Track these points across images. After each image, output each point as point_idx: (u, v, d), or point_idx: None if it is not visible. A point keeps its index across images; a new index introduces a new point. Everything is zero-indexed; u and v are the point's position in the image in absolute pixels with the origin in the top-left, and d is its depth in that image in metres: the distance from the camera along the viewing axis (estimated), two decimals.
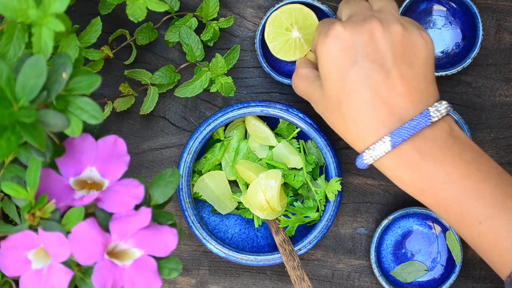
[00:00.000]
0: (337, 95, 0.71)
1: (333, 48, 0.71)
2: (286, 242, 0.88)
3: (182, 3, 0.90)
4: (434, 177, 0.69)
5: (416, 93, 0.70)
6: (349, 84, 0.70)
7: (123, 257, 0.62)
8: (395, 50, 0.71)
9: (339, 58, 0.71)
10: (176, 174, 0.65)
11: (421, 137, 0.70)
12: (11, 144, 0.56)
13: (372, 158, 0.71)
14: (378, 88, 0.70)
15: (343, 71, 0.71)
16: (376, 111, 0.70)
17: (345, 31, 0.71)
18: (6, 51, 0.64)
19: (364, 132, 0.71)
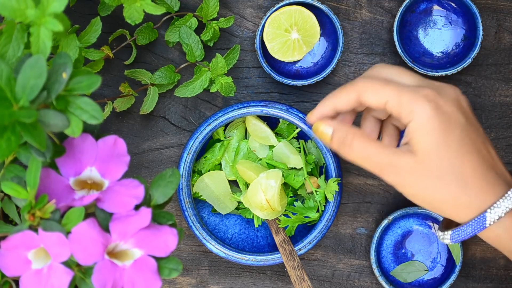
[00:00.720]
0: (447, 159, 0.66)
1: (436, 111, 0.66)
2: (286, 242, 0.88)
3: (182, 3, 0.90)
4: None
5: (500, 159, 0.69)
6: (464, 146, 0.66)
7: (123, 257, 0.62)
8: (474, 116, 0.69)
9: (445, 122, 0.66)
10: (176, 174, 0.65)
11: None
12: (11, 144, 0.56)
13: (498, 216, 0.66)
14: (482, 151, 0.67)
15: (452, 134, 0.66)
16: (490, 171, 0.66)
17: (440, 97, 0.67)
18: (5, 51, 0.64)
19: (484, 192, 0.66)
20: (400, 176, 0.67)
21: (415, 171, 0.67)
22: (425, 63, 0.90)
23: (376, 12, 0.91)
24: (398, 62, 0.91)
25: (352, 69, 0.92)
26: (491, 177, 0.66)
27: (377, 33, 0.91)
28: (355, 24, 0.91)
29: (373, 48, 0.91)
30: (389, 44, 0.91)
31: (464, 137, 0.66)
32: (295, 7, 0.88)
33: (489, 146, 0.68)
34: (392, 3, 0.91)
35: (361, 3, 0.91)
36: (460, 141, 0.66)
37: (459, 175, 0.66)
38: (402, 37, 0.90)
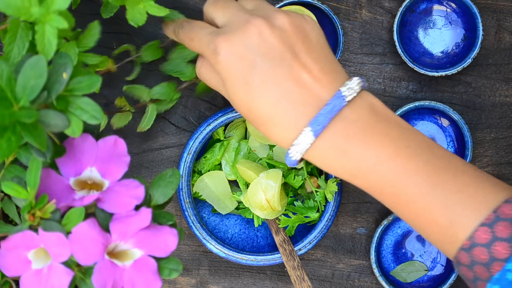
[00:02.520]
0: (247, 104, 0.69)
1: (228, 62, 0.69)
2: (286, 242, 0.88)
3: (182, 3, 0.90)
4: (363, 160, 0.67)
5: (324, 76, 0.68)
6: (255, 90, 0.68)
7: (123, 257, 0.62)
8: (288, 41, 0.69)
9: (237, 69, 0.68)
10: (176, 174, 0.65)
11: (342, 120, 0.67)
12: (12, 145, 0.56)
13: (299, 153, 0.68)
14: (285, 83, 0.68)
15: (245, 80, 0.68)
16: (290, 107, 0.67)
17: (233, 44, 0.69)
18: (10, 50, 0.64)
19: (285, 130, 0.68)
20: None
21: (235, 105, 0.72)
22: (425, 63, 0.91)
23: (376, 12, 0.91)
24: (398, 62, 0.91)
25: (352, 69, 0.92)
26: (292, 113, 0.67)
27: (377, 33, 0.91)
28: (355, 24, 0.91)
29: (373, 48, 0.91)
30: (389, 44, 0.91)
31: (256, 78, 0.68)
32: (295, 7, 0.88)
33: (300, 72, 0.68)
34: (392, 3, 0.91)
35: (361, 3, 0.91)
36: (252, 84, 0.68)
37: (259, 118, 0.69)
38: (402, 37, 0.90)
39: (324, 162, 0.69)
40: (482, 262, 0.65)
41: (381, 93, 0.92)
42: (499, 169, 0.92)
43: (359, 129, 0.67)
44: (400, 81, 0.92)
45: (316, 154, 0.68)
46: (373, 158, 0.67)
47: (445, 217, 0.66)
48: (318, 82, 0.68)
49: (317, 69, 0.69)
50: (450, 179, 0.67)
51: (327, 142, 0.67)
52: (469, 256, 0.65)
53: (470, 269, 0.66)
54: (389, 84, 0.92)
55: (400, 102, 0.92)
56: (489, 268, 0.64)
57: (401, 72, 0.92)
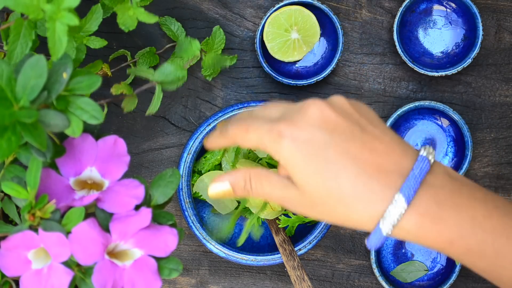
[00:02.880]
0: (325, 185, 0.65)
1: (296, 146, 0.65)
2: (286, 242, 0.88)
3: (182, 3, 0.90)
4: (460, 224, 0.65)
5: (397, 145, 0.66)
6: (333, 167, 0.64)
7: (123, 257, 0.62)
8: (351, 117, 0.66)
9: (309, 152, 0.64)
10: (176, 174, 0.65)
11: (429, 187, 0.65)
12: (12, 144, 0.56)
13: (391, 225, 0.64)
14: (361, 156, 0.64)
15: (319, 159, 0.64)
16: (373, 178, 0.64)
17: (296, 124, 0.65)
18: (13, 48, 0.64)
19: (371, 204, 0.64)
20: (296, 208, 0.67)
21: (304, 203, 0.66)
22: (425, 63, 0.91)
23: (376, 12, 0.91)
24: (398, 62, 0.92)
25: (352, 69, 0.92)
26: (377, 182, 0.64)
27: (377, 33, 0.91)
28: (355, 24, 0.91)
29: (373, 48, 0.91)
30: (389, 44, 0.91)
31: (331, 155, 0.64)
32: (295, 7, 0.88)
33: (373, 144, 0.65)
34: (392, 3, 0.91)
35: (361, 3, 0.91)
36: (327, 161, 0.64)
37: (339, 196, 0.64)
38: (402, 37, 0.90)
39: (417, 233, 0.65)
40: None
41: (381, 93, 0.92)
42: (499, 169, 0.92)
43: (448, 194, 0.65)
44: (400, 81, 0.92)
45: (409, 225, 0.64)
46: (469, 221, 0.65)
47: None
48: (393, 151, 0.65)
49: (388, 139, 0.66)
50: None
51: (420, 210, 0.64)
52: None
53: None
54: (389, 84, 0.92)
55: (400, 102, 0.92)
56: None
57: (401, 72, 0.92)
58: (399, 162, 0.65)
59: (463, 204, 0.65)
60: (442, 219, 0.64)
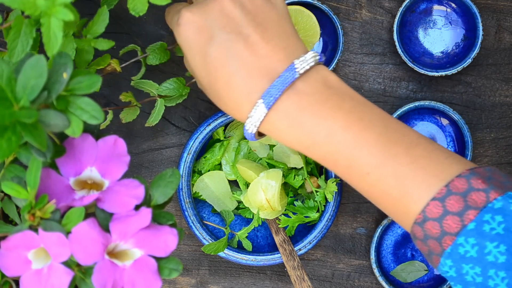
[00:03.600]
0: (206, 77, 0.71)
1: (187, 33, 0.71)
2: (286, 242, 0.88)
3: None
4: (316, 132, 0.68)
5: (280, 50, 0.70)
6: (213, 61, 0.70)
7: (123, 257, 0.62)
8: (247, 15, 0.70)
9: (196, 41, 0.70)
10: (176, 174, 0.65)
11: (295, 93, 0.68)
12: (12, 144, 0.56)
13: (254, 126, 0.69)
14: (241, 56, 0.69)
15: (203, 52, 0.70)
16: (245, 80, 0.69)
17: (194, 14, 0.70)
18: (14, 46, 0.64)
19: (241, 104, 0.70)
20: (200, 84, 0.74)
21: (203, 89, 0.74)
22: (425, 63, 0.91)
23: (376, 12, 0.91)
24: (398, 62, 0.92)
25: (352, 69, 0.92)
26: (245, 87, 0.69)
27: (377, 33, 0.91)
28: (355, 24, 0.91)
29: (373, 48, 0.91)
30: (389, 44, 0.91)
31: (213, 52, 0.69)
32: (295, 7, 0.88)
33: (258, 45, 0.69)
34: (392, 3, 0.91)
35: (361, 3, 0.91)
36: (209, 57, 0.70)
37: (216, 92, 0.71)
38: (402, 37, 0.90)
39: (278, 134, 0.70)
40: (434, 237, 0.65)
41: (381, 93, 0.92)
42: (499, 169, 0.92)
43: (312, 102, 0.68)
44: (400, 81, 0.92)
45: (270, 127, 0.70)
46: (326, 130, 0.68)
47: (396, 189, 0.67)
48: (275, 55, 0.69)
49: (274, 43, 0.70)
50: (403, 151, 0.67)
51: (280, 114, 0.68)
52: (422, 230, 0.66)
53: (424, 243, 0.66)
54: (389, 84, 0.92)
55: (400, 102, 0.92)
56: (441, 243, 0.65)
57: (401, 72, 0.92)
58: (274, 67, 0.69)
59: (324, 112, 0.68)
60: (300, 125, 0.68)
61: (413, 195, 0.66)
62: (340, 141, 0.68)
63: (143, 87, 0.85)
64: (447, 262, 0.65)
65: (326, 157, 0.69)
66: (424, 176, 0.66)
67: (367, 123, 0.68)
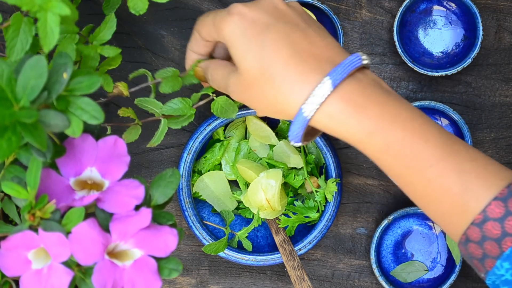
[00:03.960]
0: (259, 63, 0.67)
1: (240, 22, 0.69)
2: (286, 242, 0.88)
3: (182, 3, 0.90)
4: (382, 116, 0.65)
5: (335, 47, 0.69)
6: (271, 44, 0.67)
7: (123, 257, 0.62)
8: (299, 15, 0.70)
9: (250, 28, 0.68)
10: (176, 174, 0.65)
11: (357, 80, 0.66)
12: (12, 145, 0.56)
13: (315, 105, 0.65)
14: (300, 43, 0.67)
15: (259, 37, 0.68)
16: (304, 62, 0.66)
17: (246, 6, 0.70)
18: (13, 45, 0.64)
19: (298, 86, 0.66)
20: (234, 92, 0.70)
21: (240, 85, 0.69)
22: (425, 63, 0.91)
23: (376, 12, 0.91)
24: (398, 62, 0.92)
25: None
26: (307, 67, 0.66)
27: (377, 33, 0.91)
28: (355, 24, 0.91)
29: (373, 48, 0.91)
30: (389, 44, 0.91)
31: (271, 36, 0.67)
32: None
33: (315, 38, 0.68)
34: (392, 3, 0.91)
35: (361, 3, 0.91)
36: (265, 41, 0.67)
37: (270, 75, 0.67)
38: (402, 37, 0.90)
39: (339, 119, 0.66)
40: (493, 238, 0.63)
41: None
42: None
43: (376, 91, 0.66)
44: (400, 81, 0.92)
45: (332, 109, 0.65)
46: (392, 117, 0.66)
47: (459, 183, 0.65)
48: (331, 49, 0.68)
49: (329, 40, 0.69)
50: (463, 149, 0.66)
51: (346, 96, 0.65)
52: (481, 231, 0.64)
53: (480, 246, 0.64)
54: (389, 84, 0.92)
55: None
56: (500, 244, 0.63)
57: (401, 72, 0.92)
58: (333, 56, 0.67)
59: (389, 101, 0.66)
60: (366, 109, 0.65)
61: (474, 191, 0.64)
62: (407, 129, 0.65)
63: (147, 107, 0.81)
64: (504, 264, 0.63)
65: (390, 146, 0.66)
66: (486, 174, 0.65)
67: (428, 121, 0.67)
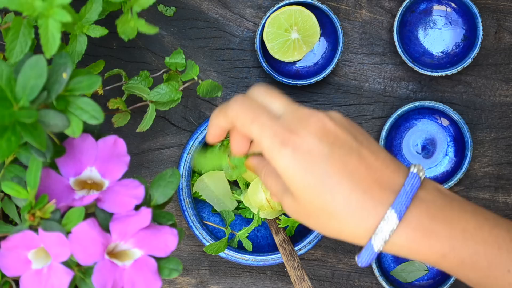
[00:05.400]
0: (321, 198, 0.65)
1: (296, 155, 0.65)
2: (286, 242, 0.88)
3: (182, 3, 0.90)
4: (452, 237, 0.65)
5: (390, 162, 0.67)
6: (330, 180, 0.64)
7: (123, 257, 0.62)
8: (350, 132, 0.67)
9: (308, 161, 0.65)
10: (176, 174, 0.65)
11: (421, 201, 0.66)
12: (12, 145, 0.56)
13: (383, 240, 0.64)
14: (358, 170, 0.65)
15: (317, 171, 0.65)
16: (366, 194, 0.64)
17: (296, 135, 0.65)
18: (13, 47, 0.64)
19: (364, 219, 0.65)
20: (293, 214, 0.68)
21: (299, 212, 0.67)
22: (425, 63, 0.91)
23: (376, 12, 0.91)
24: (398, 62, 0.92)
25: (352, 69, 0.92)
26: (370, 198, 0.64)
27: (377, 33, 0.91)
28: (355, 24, 0.91)
29: (373, 48, 0.91)
30: (389, 44, 0.91)
31: (329, 168, 0.64)
32: (295, 7, 0.88)
33: (370, 159, 0.66)
34: (392, 3, 0.91)
35: (361, 3, 0.91)
36: (324, 175, 0.64)
37: (333, 211, 0.65)
38: (402, 37, 0.90)
39: (409, 248, 0.66)
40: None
41: (381, 93, 0.92)
42: (499, 169, 0.92)
43: (439, 208, 0.66)
44: (400, 81, 0.92)
45: (401, 240, 0.65)
46: (461, 233, 0.66)
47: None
48: (387, 168, 0.66)
49: (383, 156, 0.67)
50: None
51: (412, 225, 0.65)
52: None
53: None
54: (389, 84, 0.92)
55: (400, 102, 0.92)
56: None
57: (401, 72, 0.92)
58: (392, 179, 0.66)
59: (454, 217, 0.66)
60: (434, 232, 0.65)
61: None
62: (478, 241, 0.66)
63: (134, 92, 0.83)
64: None
65: (465, 261, 0.66)
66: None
67: (493, 221, 0.67)
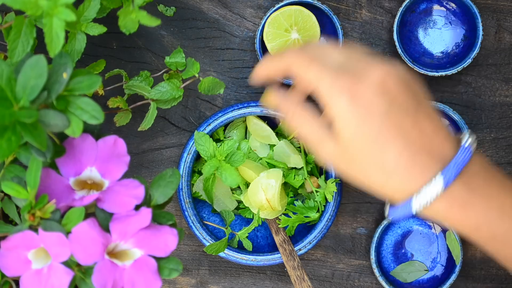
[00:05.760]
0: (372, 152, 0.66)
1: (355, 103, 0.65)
2: (286, 242, 0.88)
3: (182, 3, 0.90)
4: (488, 211, 0.66)
5: (441, 130, 0.68)
6: (383, 135, 0.65)
7: (123, 257, 0.62)
8: (410, 89, 0.67)
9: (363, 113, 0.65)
10: (176, 174, 0.65)
11: (465, 173, 0.66)
12: (12, 144, 0.56)
13: (424, 203, 0.65)
14: (411, 132, 0.66)
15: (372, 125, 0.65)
16: (416, 156, 0.65)
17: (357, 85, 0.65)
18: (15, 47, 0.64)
19: (409, 179, 0.66)
20: (329, 157, 0.68)
21: (340, 157, 0.67)
22: (425, 63, 0.91)
23: (376, 12, 0.91)
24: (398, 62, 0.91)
25: None
26: (419, 160, 0.65)
27: (377, 33, 0.91)
28: (355, 24, 0.91)
29: (373, 48, 0.91)
30: (389, 44, 0.91)
31: (385, 124, 0.65)
32: (295, 7, 0.88)
33: (424, 123, 0.66)
34: (392, 3, 0.91)
35: (361, 3, 0.91)
36: (380, 129, 0.65)
37: (381, 165, 0.66)
38: (402, 37, 0.90)
39: (446, 215, 0.67)
40: None
41: None
42: (499, 169, 0.92)
43: (480, 182, 0.67)
44: None
45: (440, 207, 0.66)
46: (498, 209, 0.66)
47: None
48: (439, 134, 0.67)
49: (437, 120, 0.67)
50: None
51: (453, 194, 0.66)
52: None
53: None
54: None
55: None
56: None
57: None
58: (441, 148, 0.67)
59: (493, 192, 0.67)
60: (472, 205, 0.66)
61: None
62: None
63: (136, 90, 0.83)
64: None
65: (497, 237, 0.67)
66: None
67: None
